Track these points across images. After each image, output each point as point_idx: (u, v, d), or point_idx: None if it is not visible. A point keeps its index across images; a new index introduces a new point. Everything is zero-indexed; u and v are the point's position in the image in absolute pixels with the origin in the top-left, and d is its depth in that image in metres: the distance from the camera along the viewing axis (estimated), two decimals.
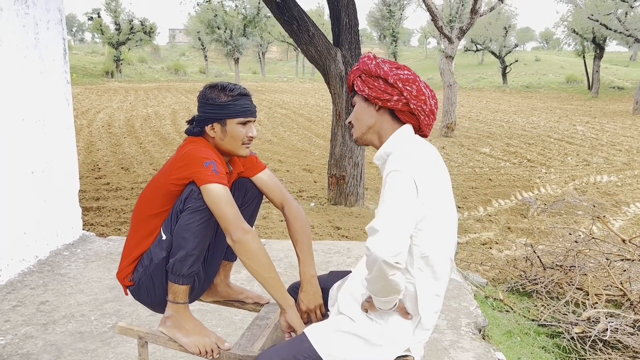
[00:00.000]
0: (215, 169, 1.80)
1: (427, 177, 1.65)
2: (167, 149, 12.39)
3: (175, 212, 1.87)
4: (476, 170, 10.77)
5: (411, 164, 1.63)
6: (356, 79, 1.82)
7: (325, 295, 2.05)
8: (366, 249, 1.55)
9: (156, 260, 1.90)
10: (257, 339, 1.97)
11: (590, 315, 3.43)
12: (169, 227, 1.88)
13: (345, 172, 7.11)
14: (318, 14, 43.88)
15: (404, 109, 1.76)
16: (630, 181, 9.88)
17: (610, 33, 25.01)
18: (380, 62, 1.79)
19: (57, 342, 2.84)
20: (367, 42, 69.80)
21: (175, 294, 1.90)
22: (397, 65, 1.82)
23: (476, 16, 14.09)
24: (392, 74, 1.75)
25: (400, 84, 1.74)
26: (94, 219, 6.67)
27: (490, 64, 49.16)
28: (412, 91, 1.74)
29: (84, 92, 28.00)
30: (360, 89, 1.80)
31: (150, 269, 1.92)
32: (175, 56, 68.94)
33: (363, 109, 1.82)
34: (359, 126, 1.83)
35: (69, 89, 4.50)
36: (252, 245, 1.78)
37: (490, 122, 19.06)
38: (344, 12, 6.71)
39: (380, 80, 1.76)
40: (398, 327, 1.72)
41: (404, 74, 1.77)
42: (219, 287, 2.25)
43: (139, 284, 1.95)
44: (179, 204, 1.87)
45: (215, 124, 1.93)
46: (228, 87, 1.95)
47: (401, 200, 1.57)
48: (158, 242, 1.91)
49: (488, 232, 6.98)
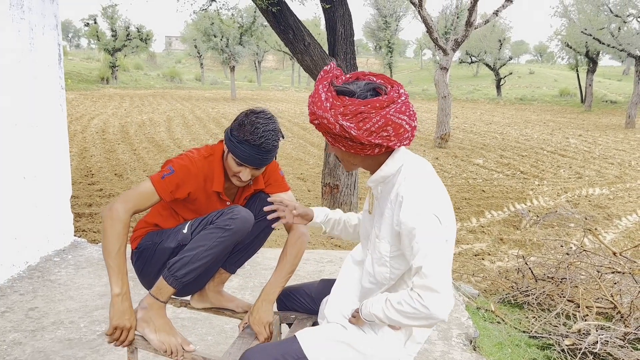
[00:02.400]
0: (166, 174, 1.91)
1: (446, 208, 1.61)
2: (161, 155, 12.36)
3: (208, 219, 1.93)
4: (469, 182, 10.80)
5: (435, 201, 1.57)
6: (325, 135, 1.63)
7: (317, 305, 2.05)
8: (422, 307, 1.51)
9: (165, 244, 2.00)
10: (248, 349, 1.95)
11: (581, 328, 3.43)
12: (194, 227, 1.96)
13: (339, 182, 7.12)
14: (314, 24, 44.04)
15: (387, 150, 1.63)
16: (622, 194, 9.94)
17: (604, 47, 25.23)
18: (345, 125, 1.53)
19: (46, 349, 2.82)
20: (362, 53, 70.12)
21: (160, 290, 1.93)
22: (358, 109, 1.53)
23: (471, 28, 14.20)
24: (361, 135, 1.53)
25: (376, 140, 1.56)
26: (86, 225, 6.64)
27: (484, 76, 49.50)
28: (390, 135, 1.56)
29: (79, 97, 27.94)
30: (333, 144, 1.64)
31: (157, 247, 2.01)
32: (171, 63, 68.97)
33: (344, 155, 1.68)
34: (346, 164, 1.74)
35: (63, 95, 4.49)
36: (106, 224, 1.84)
37: (484, 133, 19.15)
38: (340, 22, 6.75)
39: (351, 142, 1.58)
40: (390, 339, 1.72)
41: (373, 122, 1.53)
42: (209, 294, 2.25)
43: (142, 252, 2.06)
44: (215, 214, 1.93)
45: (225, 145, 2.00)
46: (252, 128, 1.89)
47: (446, 251, 1.54)
48: (177, 231, 1.99)
49: (481, 243, 6.99)
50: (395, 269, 1.69)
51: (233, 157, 1.93)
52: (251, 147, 1.89)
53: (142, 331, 1.94)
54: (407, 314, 1.55)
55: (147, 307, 1.95)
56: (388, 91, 1.59)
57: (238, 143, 1.90)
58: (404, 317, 1.57)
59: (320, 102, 1.57)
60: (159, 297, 1.93)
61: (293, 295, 2.14)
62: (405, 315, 1.56)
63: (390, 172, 1.66)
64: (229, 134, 1.93)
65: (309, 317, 2.13)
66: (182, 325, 3.12)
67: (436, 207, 1.56)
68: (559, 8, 25.77)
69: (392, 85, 1.61)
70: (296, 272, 4.04)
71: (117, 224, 1.83)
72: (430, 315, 1.51)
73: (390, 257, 1.67)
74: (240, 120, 1.92)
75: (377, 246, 1.70)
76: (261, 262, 4.24)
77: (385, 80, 1.62)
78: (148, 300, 1.95)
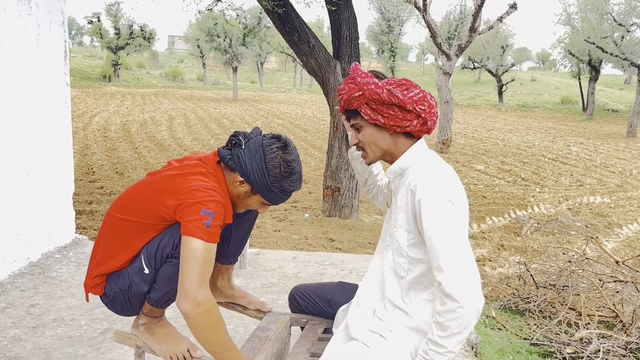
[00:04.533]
0: (208, 222, 1.62)
1: (459, 192, 1.65)
2: (163, 154, 12.36)
3: (162, 250, 1.74)
4: (471, 187, 10.79)
5: (447, 186, 1.62)
6: (362, 106, 1.70)
7: (333, 309, 2.02)
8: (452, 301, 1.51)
9: (137, 291, 1.81)
10: (258, 353, 1.90)
11: (583, 336, 3.42)
12: (153, 262, 1.76)
13: (340, 184, 7.11)
14: (317, 27, 44.10)
15: (420, 128, 1.73)
16: (622, 203, 9.93)
17: (606, 56, 25.26)
18: (392, 89, 1.67)
19: (46, 346, 2.81)
20: (365, 56, 70.10)
21: (152, 311, 1.90)
22: (399, 82, 1.71)
23: (475, 34, 14.21)
24: (407, 100, 1.66)
25: (418, 108, 1.68)
26: (87, 223, 6.63)
27: (486, 82, 49.49)
28: (426, 109, 1.69)
29: (81, 95, 27.94)
30: (372, 118, 1.70)
31: (128, 294, 1.83)
32: (174, 63, 69.07)
33: (375, 134, 1.74)
34: (372, 150, 1.76)
35: (68, 92, 4.49)
36: (199, 320, 1.63)
37: (485, 139, 19.16)
38: (345, 25, 6.75)
39: (396, 108, 1.68)
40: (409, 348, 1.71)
41: (415, 93, 1.69)
42: (223, 290, 2.22)
43: (113, 299, 1.86)
44: (169, 244, 1.73)
45: (247, 184, 1.79)
46: (293, 177, 1.79)
47: (466, 237, 1.58)
48: (139, 272, 1.78)
49: (481, 249, 6.98)
50: (413, 258, 1.70)
51: (264, 200, 1.82)
52: (290, 193, 1.82)
53: (146, 341, 1.91)
54: (443, 325, 1.54)
55: (147, 322, 1.92)
56: None
57: (280, 194, 1.79)
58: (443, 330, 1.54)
59: (364, 74, 1.71)
60: (155, 315, 1.91)
61: (309, 297, 2.10)
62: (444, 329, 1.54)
63: (408, 164, 1.73)
64: (267, 183, 1.76)
65: (320, 323, 2.09)
66: (183, 325, 3.09)
67: (448, 191, 1.61)
68: (563, 16, 25.82)
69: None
70: (298, 274, 4.03)
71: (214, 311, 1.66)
72: (464, 311, 1.50)
73: (408, 245, 1.69)
74: (276, 168, 1.75)
75: (394, 236, 1.73)
76: (262, 264, 4.23)
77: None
78: (145, 319, 1.92)
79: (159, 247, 1.75)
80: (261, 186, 1.77)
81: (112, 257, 1.81)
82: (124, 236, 1.79)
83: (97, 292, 1.87)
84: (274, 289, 3.75)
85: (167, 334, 1.92)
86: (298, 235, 6.63)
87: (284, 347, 2.04)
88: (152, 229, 1.77)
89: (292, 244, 6.28)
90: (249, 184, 1.78)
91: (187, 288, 1.59)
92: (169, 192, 1.70)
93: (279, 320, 2.10)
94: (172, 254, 1.74)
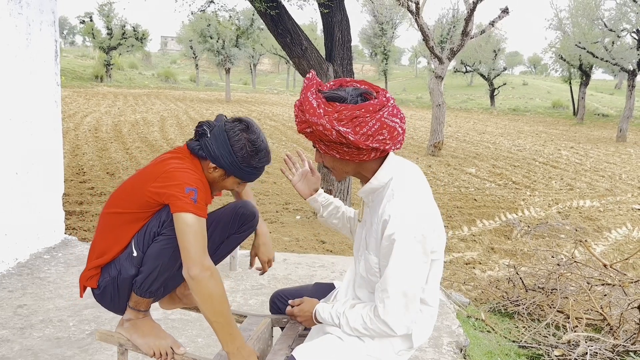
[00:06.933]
0: (195, 197, 1.70)
1: (432, 225, 1.60)
2: (154, 155, 12.32)
3: (150, 231, 1.82)
4: (462, 190, 10.84)
5: (418, 218, 1.56)
6: (316, 141, 1.61)
7: None
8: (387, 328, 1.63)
9: (125, 275, 1.86)
10: None
11: (571, 339, 3.45)
12: (141, 244, 1.82)
13: (332, 187, 7.12)
14: (311, 29, 44.16)
15: (382, 155, 1.64)
16: (612, 207, 10.01)
17: (597, 61, 25.47)
18: (342, 130, 1.51)
19: (34, 347, 2.79)
20: (358, 59, 70.31)
21: (138, 303, 1.91)
22: (352, 116, 1.52)
23: (467, 38, 14.29)
24: (360, 139, 1.53)
25: (373, 144, 1.55)
26: (77, 223, 6.60)
27: (478, 86, 49.77)
28: (386, 138, 1.56)
29: (72, 95, 27.80)
30: (327, 152, 1.62)
31: (117, 280, 1.88)
32: (166, 63, 68.88)
33: (336, 161, 1.66)
34: (338, 173, 1.72)
35: (59, 91, 4.46)
36: (207, 284, 1.67)
37: (477, 143, 19.25)
38: (338, 27, 6.77)
39: (348, 147, 1.56)
40: (383, 347, 1.73)
41: (370, 126, 1.53)
42: (182, 298, 2.18)
43: (104, 290, 1.91)
44: (155, 224, 1.81)
45: (220, 169, 1.86)
46: (260, 154, 1.85)
47: (417, 273, 1.59)
48: (128, 256, 1.85)
49: (472, 251, 7.01)
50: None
51: (238, 179, 1.90)
52: (262, 168, 1.90)
53: (130, 337, 1.92)
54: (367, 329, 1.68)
55: (132, 318, 1.94)
56: (376, 96, 1.59)
57: (251, 171, 1.87)
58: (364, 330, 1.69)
59: (312, 109, 1.54)
60: (139, 308, 1.92)
61: (286, 299, 2.13)
62: (365, 329, 1.69)
63: (380, 184, 1.67)
64: (238, 165, 1.84)
65: None
66: (172, 327, 3.10)
67: (419, 226, 1.56)
68: (554, 21, 26.02)
69: (378, 91, 1.62)
70: (288, 276, 4.03)
71: (220, 278, 1.72)
72: (388, 332, 1.64)
73: (380, 267, 1.68)
74: (242, 149, 1.82)
75: (366, 257, 1.72)
76: None
77: (368, 86, 1.63)
78: (130, 314, 1.94)
79: (147, 229, 1.83)
80: (232, 168, 1.85)
81: (107, 250, 1.89)
82: (117, 229, 1.87)
83: (92, 284, 1.93)
84: (264, 290, 3.75)
85: (152, 329, 1.94)
86: (289, 237, 6.63)
87: (266, 347, 2.05)
88: (141, 217, 1.85)
89: (283, 245, 6.28)
90: (221, 168, 1.86)
91: (193, 255, 1.67)
92: (150, 179, 1.80)
93: (260, 322, 2.11)
94: (159, 231, 1.81)
